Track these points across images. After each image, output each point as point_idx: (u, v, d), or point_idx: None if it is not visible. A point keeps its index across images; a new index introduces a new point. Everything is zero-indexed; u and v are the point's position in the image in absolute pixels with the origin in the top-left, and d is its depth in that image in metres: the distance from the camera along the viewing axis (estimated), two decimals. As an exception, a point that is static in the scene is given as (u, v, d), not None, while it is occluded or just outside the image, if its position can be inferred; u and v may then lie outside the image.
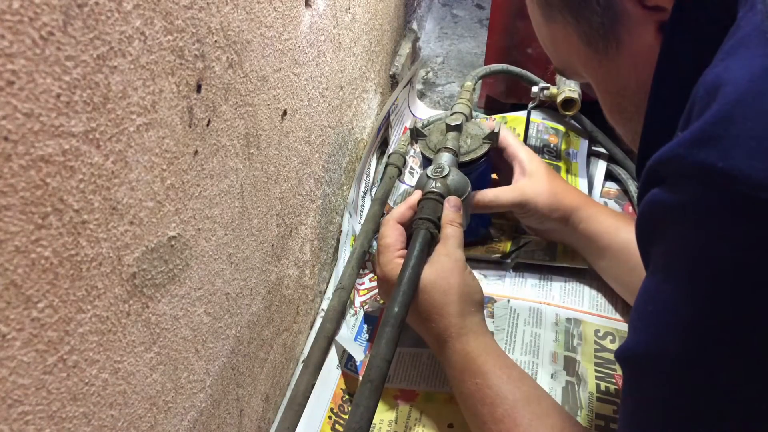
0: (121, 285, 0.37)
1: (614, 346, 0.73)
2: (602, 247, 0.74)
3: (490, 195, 0.77)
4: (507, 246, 0.85)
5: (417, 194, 0.71)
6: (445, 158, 0.74)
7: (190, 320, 0.46)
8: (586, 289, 0.80)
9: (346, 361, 0.73)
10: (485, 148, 0.78)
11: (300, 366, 0.73)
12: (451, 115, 0.81)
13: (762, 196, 0.30)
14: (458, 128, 0.79)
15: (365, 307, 0.80)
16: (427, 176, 0.71)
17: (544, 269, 0.83)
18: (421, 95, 1.21)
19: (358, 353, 0.71)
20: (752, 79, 0.32)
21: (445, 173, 0.71)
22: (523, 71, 1.02)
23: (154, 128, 0.38)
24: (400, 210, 0.70)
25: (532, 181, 0.77)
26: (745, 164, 0.31)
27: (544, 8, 0.48)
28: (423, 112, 1.13)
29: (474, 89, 0.93)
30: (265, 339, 0.63)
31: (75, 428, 0.35)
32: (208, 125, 0.44)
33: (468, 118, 0.83)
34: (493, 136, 0.78)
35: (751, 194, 0.31)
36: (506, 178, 0.81)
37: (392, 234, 0.68)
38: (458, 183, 0.71)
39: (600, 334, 0.74)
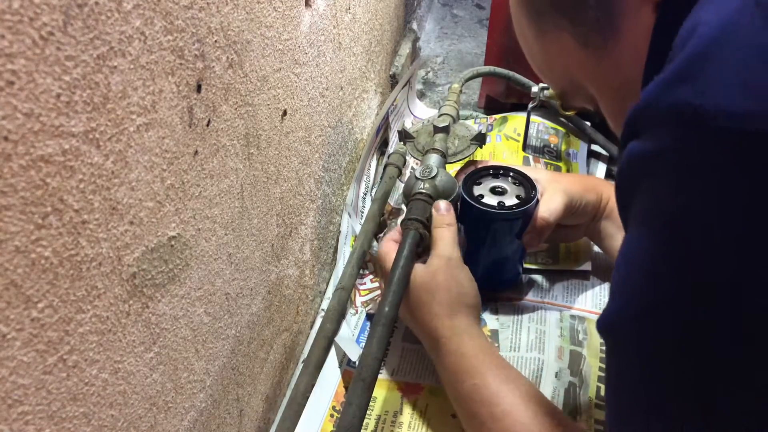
0: (121, 285, 0.37)
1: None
2: None
3: (545, 213, 0.71)
4: None
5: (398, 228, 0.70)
6: (434, 159, 0.75)
7: (190, 320, 0.46)
8: (589, 289, 0.80)
9: (348, 360, 0.73)
10: (473, 149, 0.78)
11: (300, 366, 0.73)
12: (439, 117, 0.82)
13: (745, 127, 0.29)
14: (446, 130, 0.79)
15: (367, 308, 0.80)
16: (416, 177, 0.72)
17: (547, 273, 0.83)
18: (421, 95, 1.21)
19: (354, 354, 0.71)
20: (728, 15, 0.31)
21: (433, 174, 0.72)
22: (512, 73, 1.02)
23: (154, 128, 0.38)
24: (392, 233, 0.71)
25: (551, 180, 0.74)
26: (724, 99, 0.29)
27: (534, 21, 0.47)
28: (422, 112, 1.13)
29: (461, 91, 0.94)
30: (265, 339, 0.63)
31: (75, 428, 0.35)
32: (208, 125, 0.44)
33: (455, 119, 0.83)
34: (480, 137, 0.79)
35: (731, 127, 0.29)
36: None
37: (390, 247, 0.69)
38: (446, 184, 0.71)
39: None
